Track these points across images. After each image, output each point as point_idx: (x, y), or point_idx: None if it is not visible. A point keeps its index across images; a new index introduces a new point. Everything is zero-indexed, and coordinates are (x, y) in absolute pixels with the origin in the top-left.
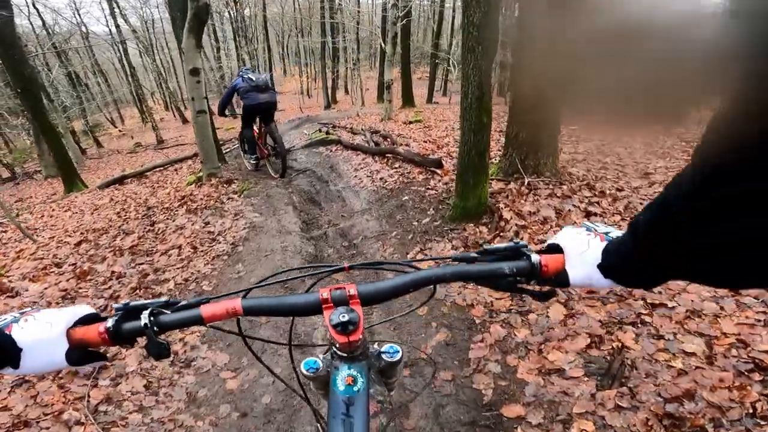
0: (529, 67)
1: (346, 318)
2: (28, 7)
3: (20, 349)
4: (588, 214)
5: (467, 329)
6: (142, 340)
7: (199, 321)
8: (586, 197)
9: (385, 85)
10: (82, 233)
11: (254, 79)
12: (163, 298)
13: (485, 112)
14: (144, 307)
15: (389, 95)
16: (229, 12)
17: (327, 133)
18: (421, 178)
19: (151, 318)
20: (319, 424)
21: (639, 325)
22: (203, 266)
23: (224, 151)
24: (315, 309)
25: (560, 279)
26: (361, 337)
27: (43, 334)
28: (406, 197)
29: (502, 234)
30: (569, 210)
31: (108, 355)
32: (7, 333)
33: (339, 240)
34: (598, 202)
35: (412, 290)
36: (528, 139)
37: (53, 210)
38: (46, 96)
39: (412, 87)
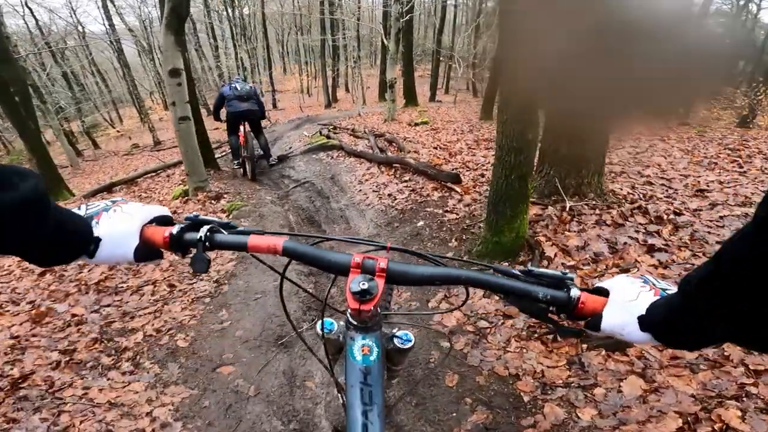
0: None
1: (365, 286)
2: (23, 7)
3: (99, 240)
4: (650, 249)
5: (513, 409)
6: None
7: (243, 248)
8: (642, 225)
9: (387, 84)
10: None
11: (239, 89)
12: (225, 220)
13: (531, 126)
14: (207, 222)
15: (392, 94)
16: (227, 10)
17: (327, 137)
18: (436, 196)
19: (207, 233)
20: (340, 394)
21: (743, 399)
22: (180, 311)
23: (219, 156)
24: (344, 270)
25: (593, 321)
26: (372, 309)
27: (123, 226)
28: (421, 222)
29: None
30: (626, 243)
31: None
32: (93, 222)
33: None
34: (657, 232)
35: (439, 283)
36: (569, 155)
37: None
38: (38, 97)
39: (415, 85)
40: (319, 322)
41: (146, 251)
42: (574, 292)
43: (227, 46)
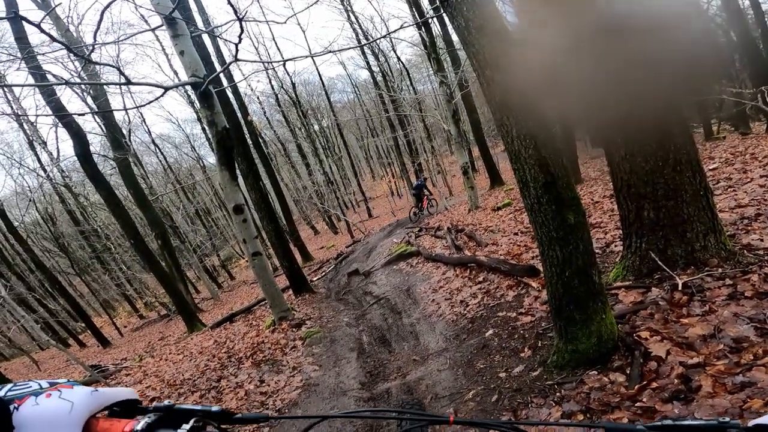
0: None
1: None
2: (153, 145)
3: (12, 429)
4: None
5: None
6: None
7: None
8: None
9: (461, 170)
10: (166, 386)
11: (414, 184)
12: (216, 407)
13: (569, 206)
14: (190, 414)
15: (470, 181)
16: (305, 126)
17: (408, 243)
18: (511, 296)
19: None
20: None
21: None
22: None
23: (318, 277)
24: None
25: None
26: None
27: (55, 416)
28: (491, 331)
29: (656, 383)
30: None
31: None
32: (12, 407)
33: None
34: None
35: None
36: (661, 216)
37: (170, 353)
38: (177, 237)
39: (497, 163)
40: None
41: None
42: None
43: (317, 161)
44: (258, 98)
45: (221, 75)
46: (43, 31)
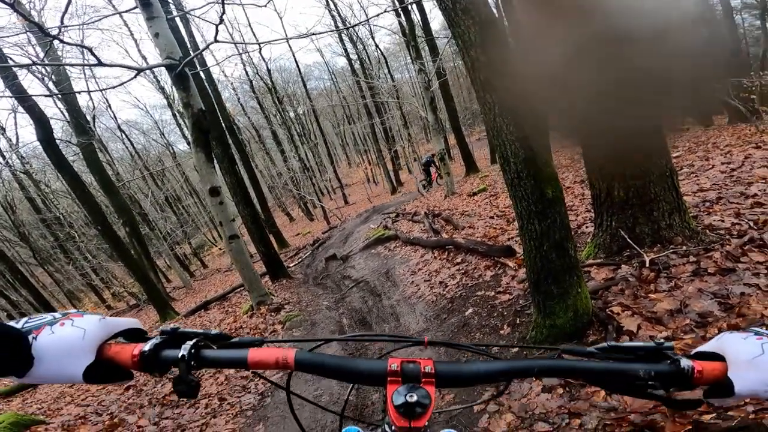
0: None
1: (414, 399)
2: (119, 130)
3: (32, 358)
4: None
5: None
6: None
7: (243, 364)
8: (761, 263)
9: (438, 157)
10: (139, 375)
11: (424, 160)
12: (215, 330)
13: (547, 180)
14: (192, 335)
15: (446, 168)
16: (280, 113)
17: (386, 227)
18: (489, 276)
19: (192, 351)
20: None
21: None
22: (223, 425)
23: (295, 263)
24: (379, 379)
25: (718, 389)
26: (426, 425)
27: (70, 342)
28: (471, 310)
29: None
30: (743, 294)
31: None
32: (30, 338)
33: None
34: None
35: (503, 379)
36: (630, 196)
37: None
38: (146, 224)
39: (472, 151)
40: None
41: (106, 371)
42: (686, 363)
43: (292, 147)
44: (232, 84)
45: (195, 60)
46: (16, 10)
